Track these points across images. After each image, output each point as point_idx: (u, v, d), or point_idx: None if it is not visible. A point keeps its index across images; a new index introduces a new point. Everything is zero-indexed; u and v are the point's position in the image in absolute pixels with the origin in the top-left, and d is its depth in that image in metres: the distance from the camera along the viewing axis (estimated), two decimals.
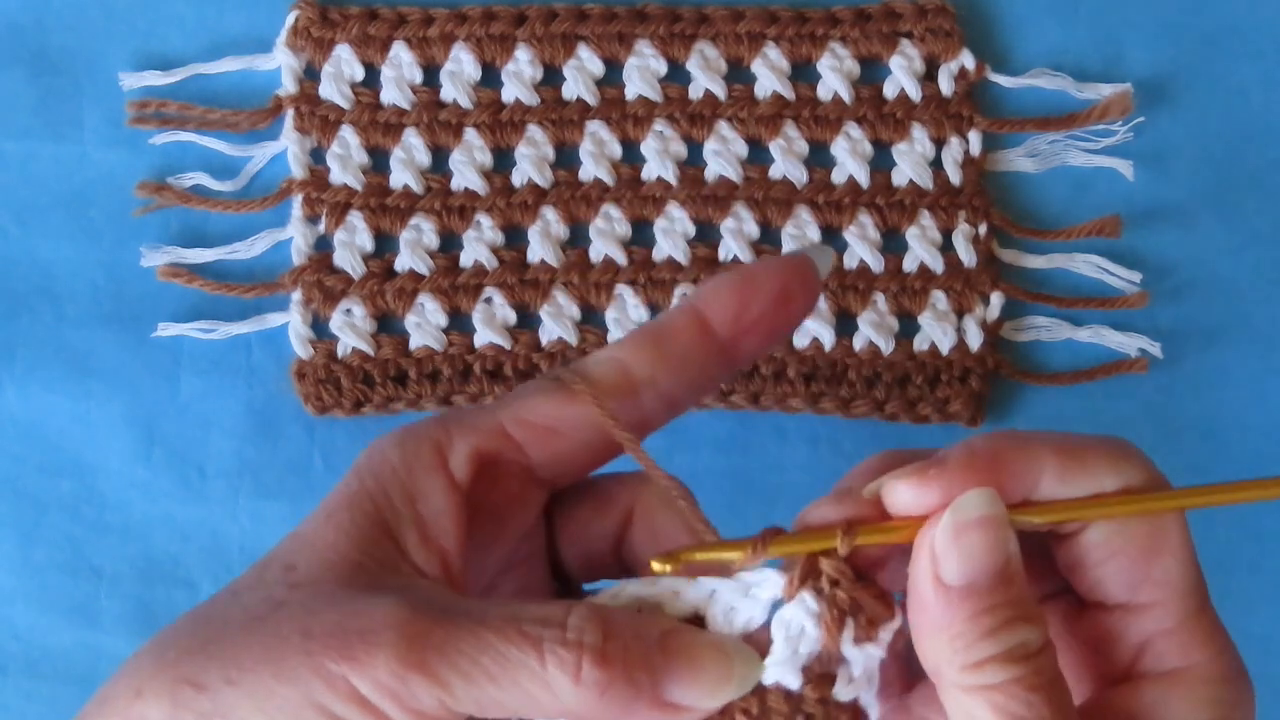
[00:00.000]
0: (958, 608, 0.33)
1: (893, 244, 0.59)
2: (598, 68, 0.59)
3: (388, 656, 0.31)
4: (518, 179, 0.58)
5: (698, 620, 0.35)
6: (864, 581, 0.35)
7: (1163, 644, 0.35)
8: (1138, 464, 0.35)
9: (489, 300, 0.58)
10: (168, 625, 0.35)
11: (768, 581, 0.35)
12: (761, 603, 0.35)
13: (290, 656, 0.32)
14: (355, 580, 0.34)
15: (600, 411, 0.36)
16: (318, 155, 0.59)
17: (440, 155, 0.59)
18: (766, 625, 0.35)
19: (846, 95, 0.58)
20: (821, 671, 0.34)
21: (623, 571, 0.39)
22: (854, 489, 0.36)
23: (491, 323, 0.58)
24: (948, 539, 0.33)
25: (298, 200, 0.58)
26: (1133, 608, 0.35)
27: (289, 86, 0.59)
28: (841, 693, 0.35)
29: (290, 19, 0.59)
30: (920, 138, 0.58)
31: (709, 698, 0.34)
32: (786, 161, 0.58)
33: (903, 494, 0.34)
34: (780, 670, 0.34)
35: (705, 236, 0.58)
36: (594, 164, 0.58)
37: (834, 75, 0.58)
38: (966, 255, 0.58)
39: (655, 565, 0.35)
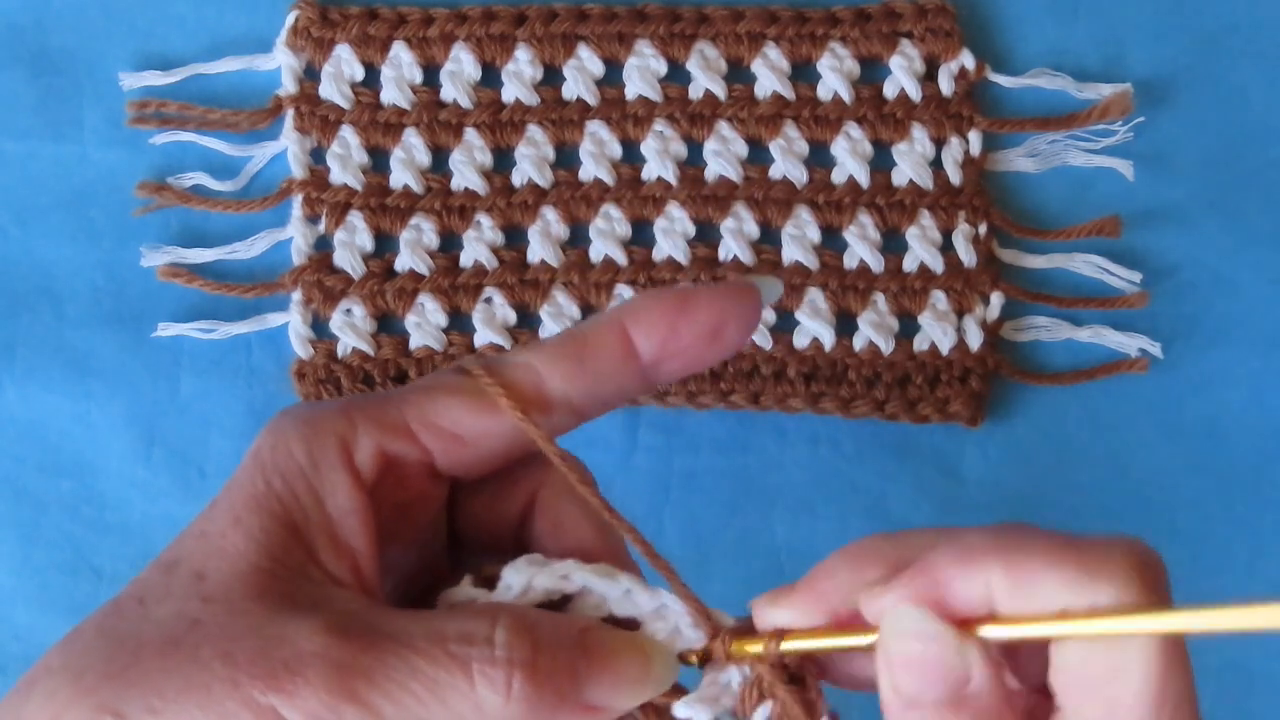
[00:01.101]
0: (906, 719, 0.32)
1: (893, 244, 0.59)
2: (598, 68, 0.59)
3: (316, 688, 0.31)
4: (518, 179, 0.58)
5: (614, 622, 0.35)
6: (796, 684, 0.34)
7: None
8: (1116, 580, 0.31)
9: (489, 300, 0.58)
10: (75, 636, 0.34)
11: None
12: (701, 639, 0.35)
13: (215, 685, 0.31)
14: (269, 593, 0.33)
15: (522, 422, 0.36)
16: (318, 155, 0.59)
17: (440, 155, 0.59)
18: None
19: (846, 95, 0.58)
20: None
21: (519, 552, 0.38)
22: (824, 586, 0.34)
23: (491, 323, 0.58)
24: (891, 650, 0.32)
25: (298, 200, 0.58)
26: None
27: (289, 86, 0.59)
28: None
29: (290, 19, 0.59)
30: (920, 138, 0.58)
31: (627, 698, 0.33)
32: (786, 161, 0.58)
33: (868, 603, 0.33)
34: (693, 709, 0.34)
35: (705, 236, 0.58)
36: (594, 164, 0.58)
37: (834, 75, 0.58)
38: (966, 255, 0.58)
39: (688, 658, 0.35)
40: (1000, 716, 0.32)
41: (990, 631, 0.32)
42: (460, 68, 0.59)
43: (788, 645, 0.34)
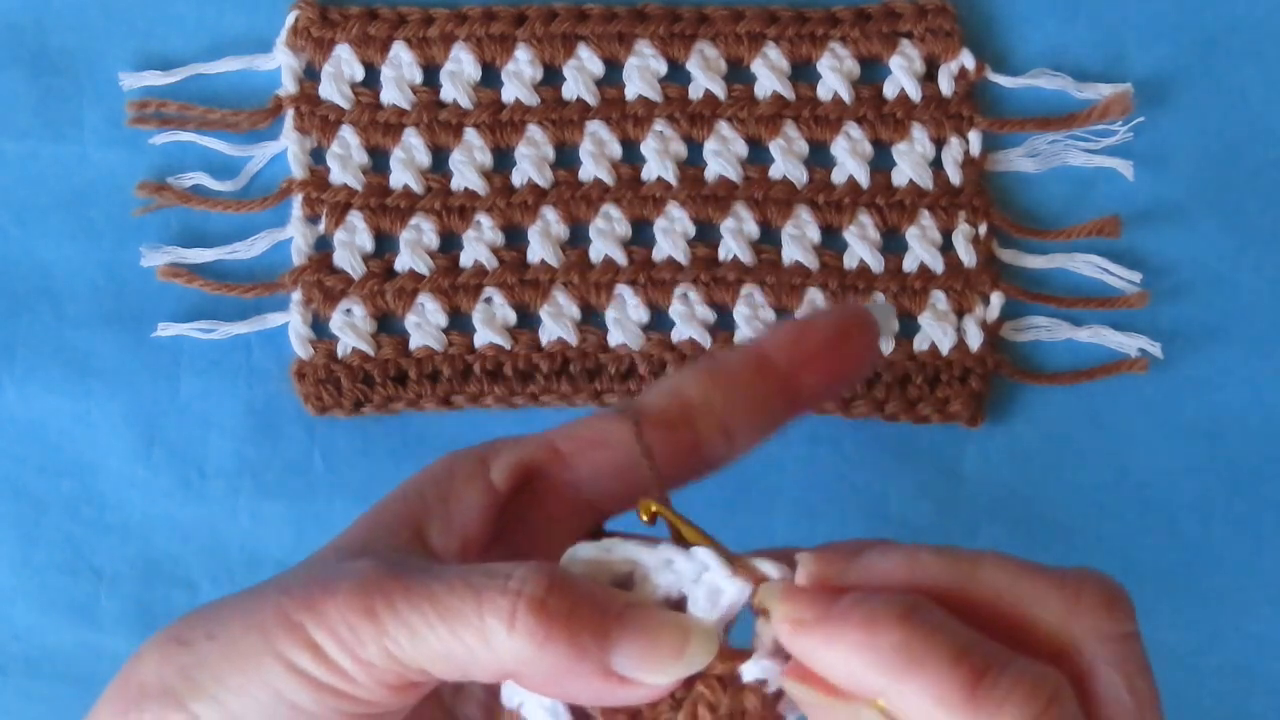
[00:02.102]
0: None
1: (893, 244, 0.59)
2: (598, 68, 0.59)
3: (339, 604, 0.32)
4: (518, 179, 0.58)
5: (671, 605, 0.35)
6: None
7: None
8: None
9: (489, 300, 0.58)
10: None
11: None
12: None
13: (262, 609, 0.33)
14: (355, 550, 0.35)
15: (636, 440, 0.36)
16: (318, 155, 0.59)
17: (440, 155, 0.59)
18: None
19: (846, 95, 0.58)
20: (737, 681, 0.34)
21: None
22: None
23: (491, 323, 0.58)
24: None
25: (298, 200, 0.58)
26: None
27: (289, 86, 0.59)
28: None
29: (290, 19, 0.59)
30: (920, 138, 0.58)
31: (658, 673, 0.32)
32: (786, 161, 0.58)
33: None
34: (762, 665, 0.34)
35: (705, 236, 0.58)
36: (594, 164, 0.58)
37: (834, 75, 0.58)
38: (966, 255, 0.58)
39: (642, 509, 0.34)
40: None
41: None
42: (460, 68, 0.59)
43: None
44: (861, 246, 0.58)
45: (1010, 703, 0.29)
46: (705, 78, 0.58)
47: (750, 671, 0.34)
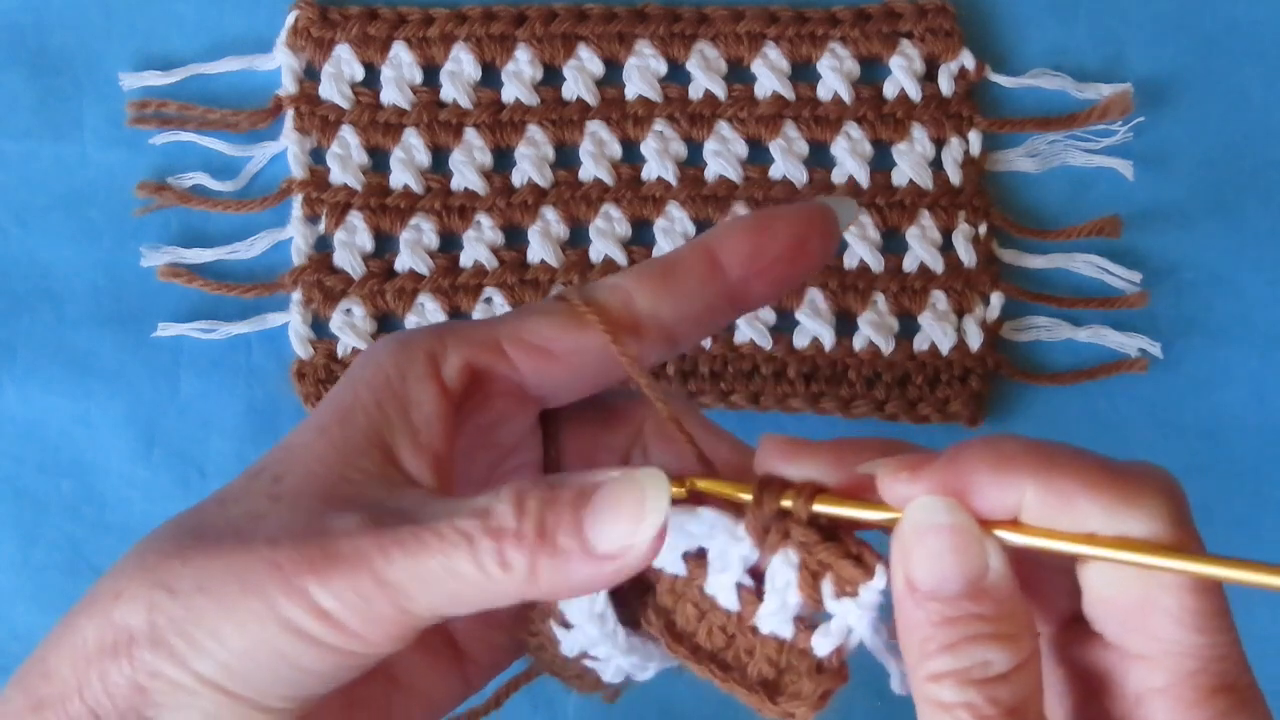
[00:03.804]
0: (924, 610, 0.32)
1: (893, 244, 0.59)
2: (598, 68, 0.59)
3: (344, 571, 0.32)
4: (518, 179, 0.58)
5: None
6: (833, 542, 0.34)
7: (1156, 703, 0.33)
8: (1148, 511, 0.32)
9: (489, 300, 0.58)
10: (154, 530, 0.36)
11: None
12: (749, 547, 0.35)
13: (256, 569, 0.33)
14: (336, 493, 0.34)
15: (611, 343, 0.36)
16: (318, 155, 0.59)
17: (440, 155, 0.59)
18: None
19: (846, 95, 0.58)
20: (809, 623, 0.35)
21: None
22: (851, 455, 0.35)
23: None
24: (910, 540, 0.33)
25: (298, 200, 0.58)
26: (1129, 655, 0.33)
27: (289, 86, 0.59)
28: (819, 645, 0.34)
29: (290, 19, 0.59)
30: (920, 138, 0.58)
31: (634, 534, 0.33)
32: (786, 161, 0.58)
33: (891, 485, 0.33)
34: (773, 620, 0.35)
35: None
36: (594, 164, 0.58)
37: (834, 75, 0.58)
38: (966, 255, 0.58)
39: (673, 489, 0.34)
40: (1015, 611, 0.32)
41: (1011, 537, 0.32)
42: (460, 68, 0.59)
43: (819, 507, 0.34)
44: (861, 246, 0.58)
45: (1154, 484, 0.32)
46: (705, 78, 0.58)
47: (765, 625, 0.35)
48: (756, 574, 0.35)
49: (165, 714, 0.33)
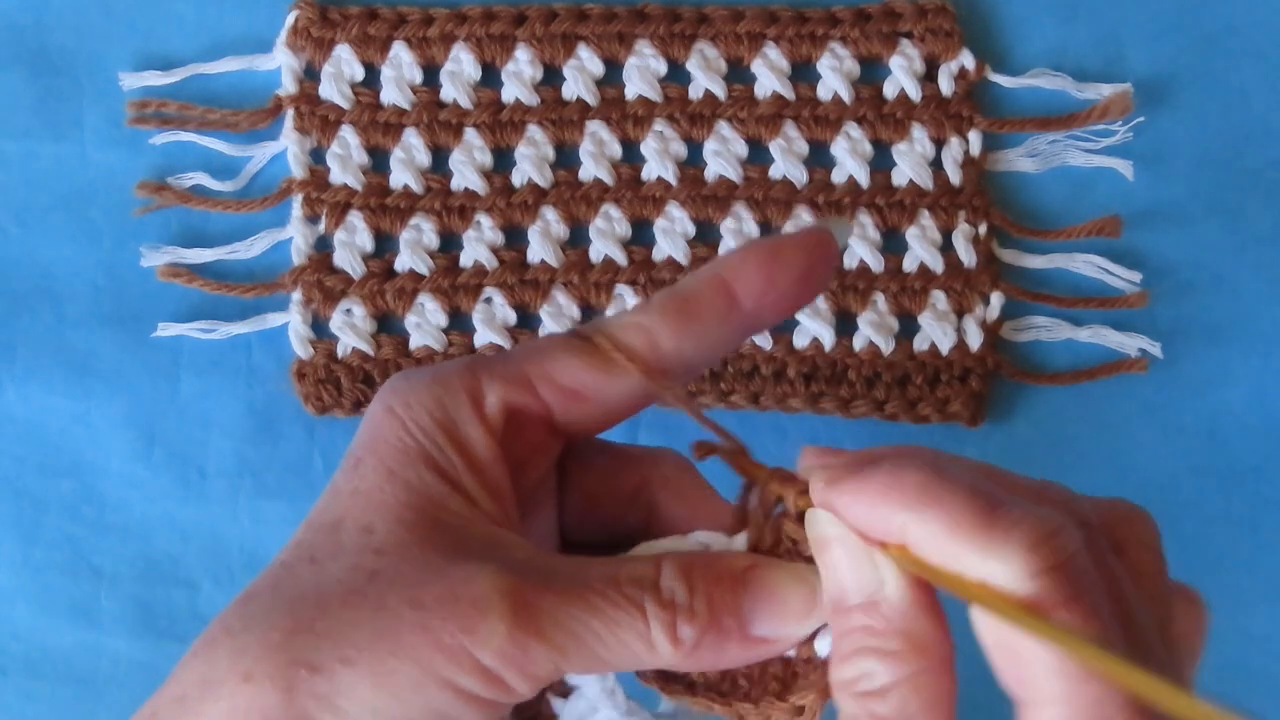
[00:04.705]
0: (833, 619, 0.34)
1: (893, 244, 0.59)
2: (598, 68, 0.59)
3: (506, 626, 0.32)
4: (518, 179, 0.58)
5: None
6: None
7: None
8: (1007, 557, 0.30)
9: (489, 300, 0.58)
10: (249, 597, 0.34)
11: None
12: None
13: (405, 631, 0.32)
14: (438, 540, 0.34)
15: (651, 383, 0.37)
16: (318, 155, 0.59)
17: (440, 155, 0.59)
18: None
19: (846, 95, 0.58)
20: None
21: (638, 526, 0.40)
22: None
23: (491, 323, 0.58)
24: (814, 550, 0.34)
25: (298, 200, 0.58)
26: (1020, 704, 0.31)
27: (289, 86, 0.59)
28: (823, 648, 0.35)
29: (290, 19, 0.59)
30: (920, 138, 0.58)
31: (795, 627, 0.34)
32: (786, 161, 0.58)
33: (815, 490, 0.34)
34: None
35: (705, 236, 0.58)
36: (594, 164, 0.58)
37: (834, 75, 0.58)
38: (966, 255, 0.58)
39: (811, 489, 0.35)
40: (908, 629, 0.32)
41: (894, 560, 0.33)
42: (460, 68, 0.59)
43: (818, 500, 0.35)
44: (861, 246, 0.58)
45: (1019, 531, 0.30)
46: (705, 78, 0.58)
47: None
48: None
49: None
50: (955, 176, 0.58)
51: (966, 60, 0.58)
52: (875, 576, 0.33)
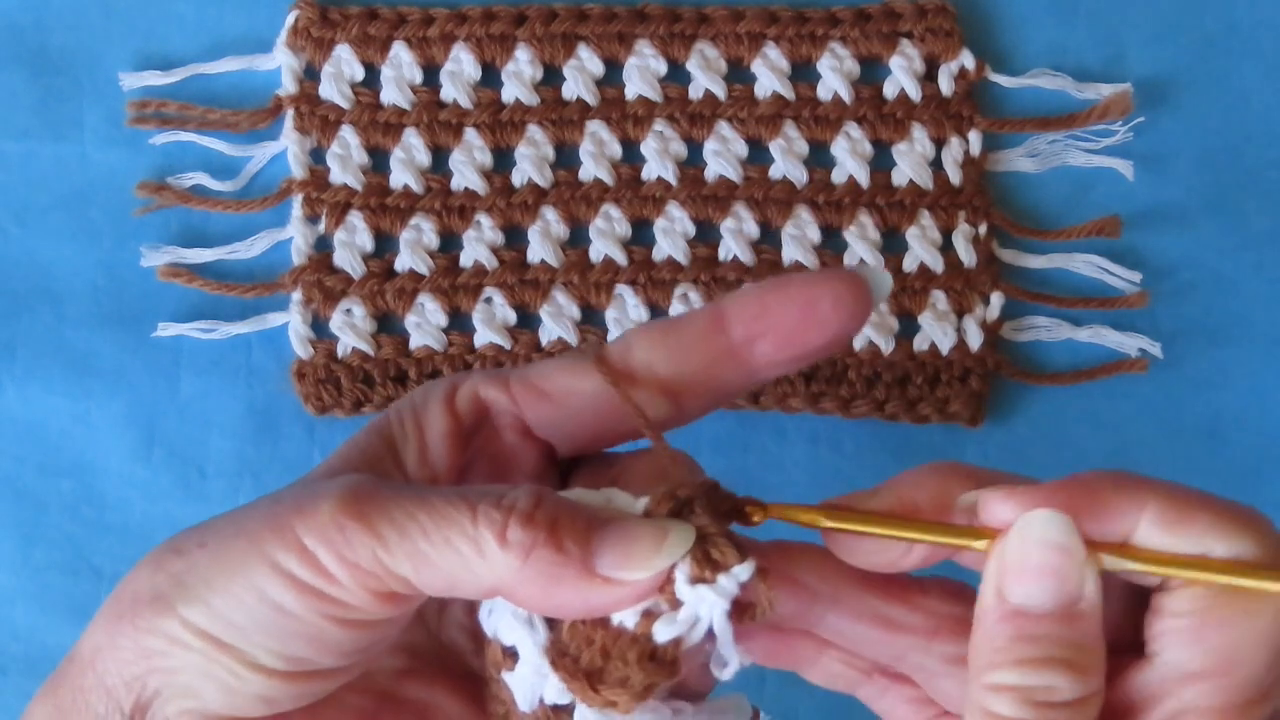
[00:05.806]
0: (1006, 624, 0.33)
1: (893, 244, 0.59)
2: (598, 68, 0.59)
3: (329, 507, 0.33)
4: (518, 179, 0.58)
5: None
6: (723, 532, 0.34)
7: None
8: (1256, 536, 0.33)
9: (489, 300, 0.58)
10: None
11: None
12: None
13: (255, 518, 0.34)
14: (335, 474, 0.36)
15: (611, 384, 0.37)
16: (318, 155, 0.59)
17: (440, 155, 0.59)
18: None
19: (846, 95, 0.58)
20: (656, 611, 0.34)
21: None
22: (905, 486, 0.36)
23: (491, 323, 0.58)
24: (1014, 553, 0.33)
25: (298, 200, 0.58)
26: (1186, 675, 0.33)
27: (289, 86, 0.59)
28: (660, 633, 0.34)
29: (290, 19, 0.59)
30: (920, 138, 0.58)
31: (640, 569, 0.33)
32: (786, 161, 0.58)
33: (997, 508, 0.34)
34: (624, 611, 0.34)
35: (705, 236, 0.58)
36: (594, 164, 0.58)
37: (834, 75, 0.58)
38: (966, 255, 0.58)
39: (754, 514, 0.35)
40: (1094, 645, 0.33)
41: (1113, 562, 0.33)
42: (460, 68, 0.59)
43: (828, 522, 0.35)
44: (861, 246, 0.58)
45: (1257, 515, 0.33)
46: (705, 78, 0.58)
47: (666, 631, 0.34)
48: None
49: (161, 678, 0.34)
50: (955, 176, 0.58)
51: (966, 60, 0.58)
52: (1079, 586, 0.33)
